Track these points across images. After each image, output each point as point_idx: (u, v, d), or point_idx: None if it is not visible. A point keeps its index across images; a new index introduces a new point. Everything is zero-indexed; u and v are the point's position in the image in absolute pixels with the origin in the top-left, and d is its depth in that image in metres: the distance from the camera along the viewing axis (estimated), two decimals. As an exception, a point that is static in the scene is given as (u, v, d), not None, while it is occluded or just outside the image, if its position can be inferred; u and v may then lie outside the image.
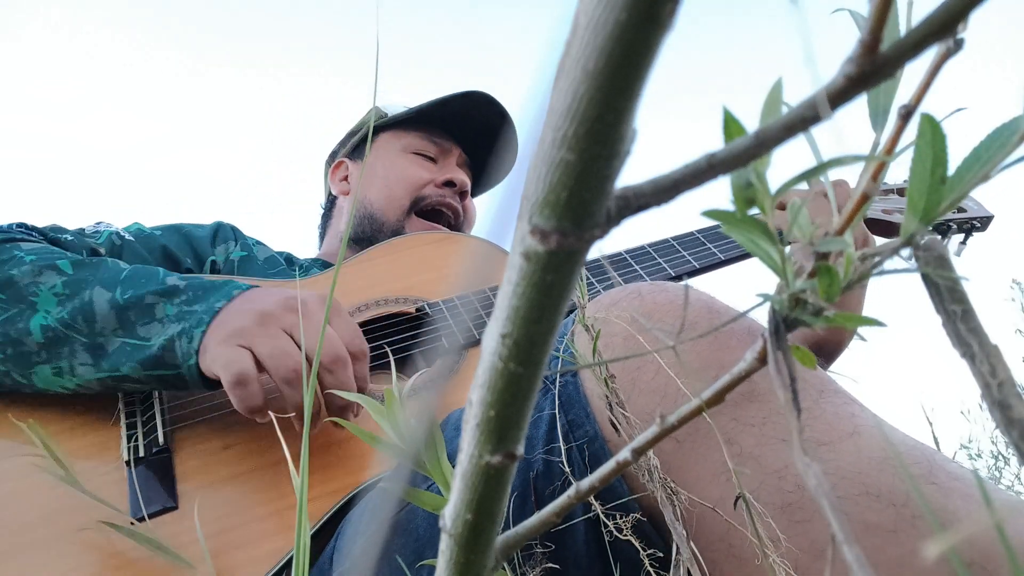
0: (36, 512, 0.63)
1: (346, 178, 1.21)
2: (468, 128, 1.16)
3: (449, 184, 1.12)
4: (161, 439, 0.69)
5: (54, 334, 0.68)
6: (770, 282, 0.18)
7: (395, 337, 0.86)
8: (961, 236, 1.10)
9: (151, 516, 0.63)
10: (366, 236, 1.10)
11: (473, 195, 1.24)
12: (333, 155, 1.27)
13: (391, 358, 0.36)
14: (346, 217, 1.16)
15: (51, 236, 0.85)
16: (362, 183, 1.15)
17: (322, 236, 1.26)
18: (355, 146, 1.23)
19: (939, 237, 0.17)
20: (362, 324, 0.86)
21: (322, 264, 1.11)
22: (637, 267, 0.97)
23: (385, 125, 1.18)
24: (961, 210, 1.10)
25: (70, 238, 0.86)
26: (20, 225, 0.83)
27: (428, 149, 1.15)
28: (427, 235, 1.02)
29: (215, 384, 0.66)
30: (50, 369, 0.69)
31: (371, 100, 1.32)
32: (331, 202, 1.24)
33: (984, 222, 1.10)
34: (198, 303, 0.68)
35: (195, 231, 1.00)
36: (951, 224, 1.08)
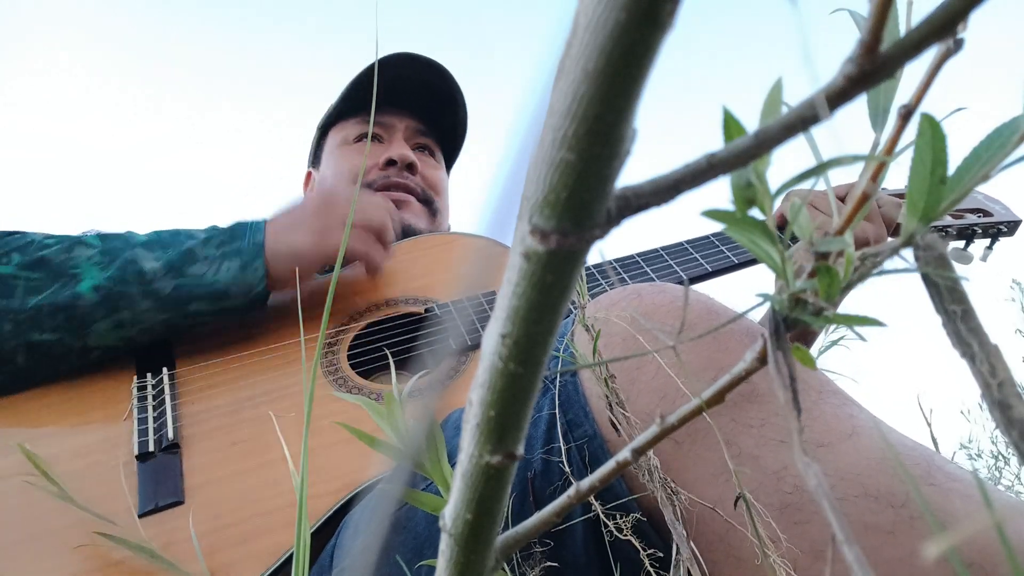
0: (34, 510, 0.63)
1: (312, 187, 1.23)
2: (406, 94, 1.13)
3: (391, 163, 1.10)
4: (171, 434, 0.70)
5: (108, 291, 0.74)
6: (771, 282, 0.18)
7: (404, 337, 0.86)
8: (987, 241, 1.07)
9: (158, 511, 0.63)
10: None
11: (451, 152, 1.22)
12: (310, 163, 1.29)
13: (391, 360, 0.36)
14: None
15: None
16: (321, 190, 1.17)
17: None
18: (313, 154, 1.23)
19: (940, 236, 0.17)
20: (371, 324, 0.87)
21: None
22: (648, 269, 0.96)
23: (330, 125, 1.17)
24: (987, 214, 1.07)
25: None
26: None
27: (365, 130, 1.13)
28: (438, 236, 1.02)
29: (265, 301, 0.81)
30: (109, 323, 0.75)
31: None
32: None
33: (1011, 227, 1.06)
34: (236, 240, 0.79)
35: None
36: (976, 229, 1.05)
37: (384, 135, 1.14)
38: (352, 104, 1.15)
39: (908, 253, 0.18)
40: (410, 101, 1.14)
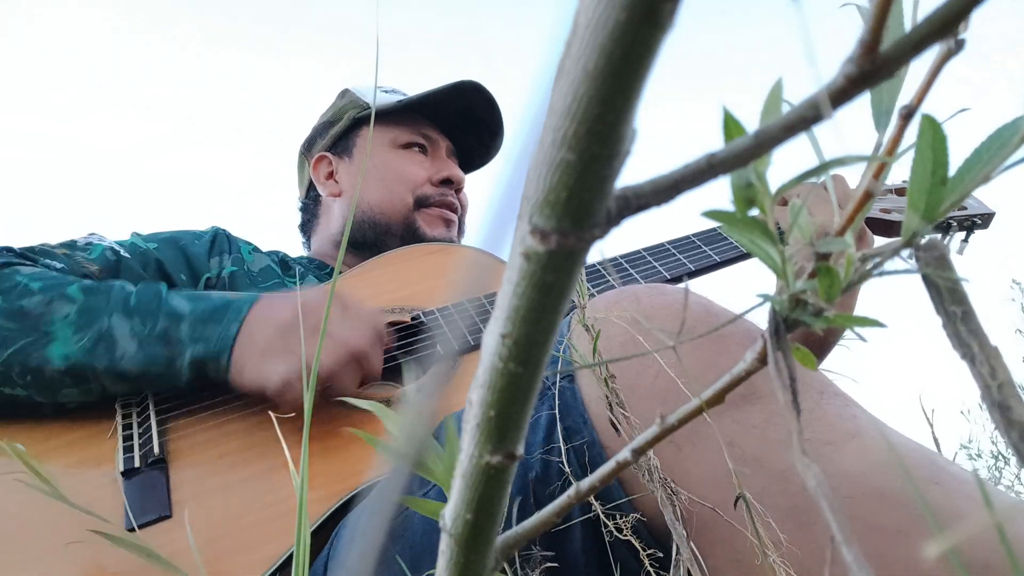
0: (27, 527, 0.63)
1: (331, 174, 1.16)
2: (453, 116, 1.15)
3: (446, 182, 1.12)
4: (157, 449, 0.69)
5: (76, 362, 0.71)
6: (771, 283, 0.18)
7: (392, 346, 0.86)
8: (963, 234, 1.09)
9: (146, 525, 0.63)
10: (368, 241, 1.07)
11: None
12: (309, 145, 1.22)
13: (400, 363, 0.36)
14: (340, 221, 1.13)
15: (42, 262, 0.83)
16: (351, 188, 1.13)
17: (306, 234, 1.22)
18: (336, 139, 1.18)
19: (939, 236, 0.17)
20: None
21: (317, 266, 1.10)
22: (632, 271, 0.97)
23: (368, 117, 1.14)
24: (961, 208, 1.09)
25: (60, 266, 0.84)
26: (8, 249, 0.82)
27: (417, 140, 1.13)
28: (423, 247, 1.02)
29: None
30: (77, 391, 0.73)
31: (355, 89, 1.29)
32: (315, 199, 1.20)
33: (985, 219, 1.09)
34: (212, 323, 0.73)
35: (192, 247, 0.97)
36: (951, 222, 1.07)
37: (428, 147, 1.14)
38: (408, 110, 1.13)
39: (908, 254, 0.18)
40: (458, 128, 1.17)
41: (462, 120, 1.16)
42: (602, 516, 0.46)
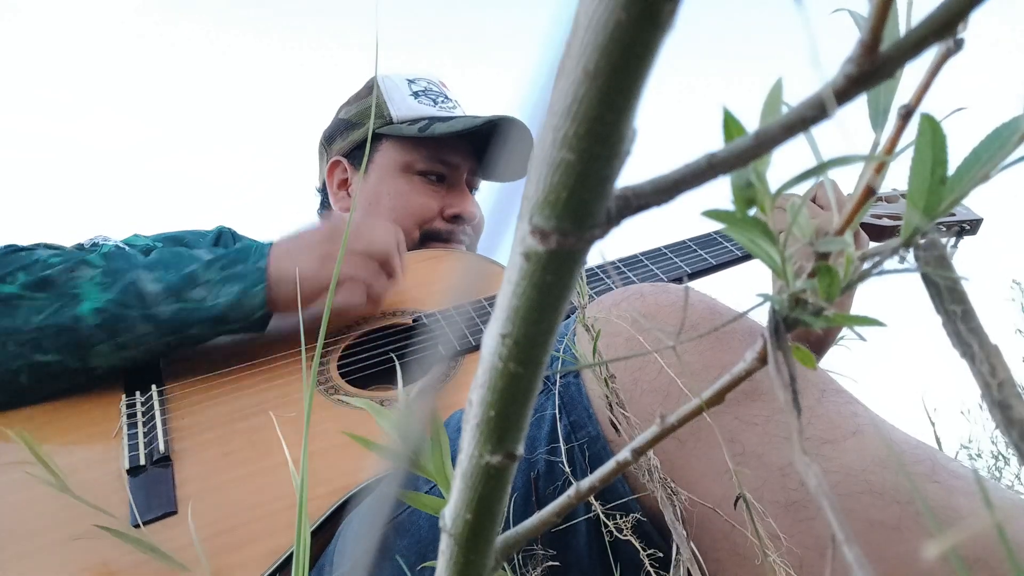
0: (32, 524, 0.63)
1: (344, 182, 1.13)
2: (479, 137, 1.08)
3: (457, 218, 1.07)
4: (162, 447, 0.70)
5: (108, 314, 0.75)
6: (771, 283, 0.18)
7: (393, 347, 0.87)
8: (952, 240, 1.09)
9: (151, 522, 0.63)
10: None
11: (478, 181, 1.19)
12: (329, 139, 1.18)
13: (398, 365, 0.36)
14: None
15: None
16: (363, 205, 1.09)
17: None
18: (355, 146, 1.13)
19: (941, 237, 0.17)
20: (362, 336, 0.88)
21: None
22: (630, 274, 0.98)
23: (386, 133, 1.09)
24: (950, 213, 1.09)
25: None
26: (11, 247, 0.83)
27: (435, 168, 1.08)
28: (425, 252, 1.02)
29: (265, 324, 0.82)
30: (110, 346, 0.76)
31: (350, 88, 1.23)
32: (327, 200, 1.17)
33: (974, 225, 1.09)
34: (240, 263, 0.79)
35: (195, 245, 0.97)
36: (941, 227, 1.07)
37: (448, 176, 1.09)
38: (435, 138, 1.06)
39: (908, 253, 0.18)
40: (482, 142, 1.10)
41: (488, 137, 1.09)
42: (602, 516, 0.46)
